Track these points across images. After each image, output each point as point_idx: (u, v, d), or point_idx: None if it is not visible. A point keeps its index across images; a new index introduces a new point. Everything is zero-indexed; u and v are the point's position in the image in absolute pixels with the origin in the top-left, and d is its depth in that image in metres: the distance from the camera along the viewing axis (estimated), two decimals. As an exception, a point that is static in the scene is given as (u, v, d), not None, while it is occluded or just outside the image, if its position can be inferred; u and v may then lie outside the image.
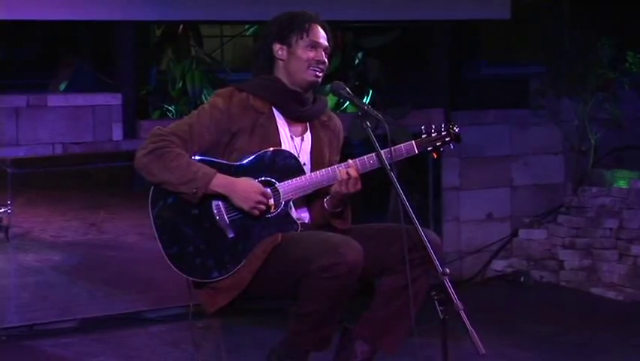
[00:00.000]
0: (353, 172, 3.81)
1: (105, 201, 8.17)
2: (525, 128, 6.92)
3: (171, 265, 3.82)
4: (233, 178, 3.80)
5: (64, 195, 8.28)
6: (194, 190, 3.75)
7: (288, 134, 3.93)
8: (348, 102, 6.01)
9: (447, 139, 3.91)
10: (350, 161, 3.86)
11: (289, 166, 3.86)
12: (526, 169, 6.93)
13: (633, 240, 6.46)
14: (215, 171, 3.79)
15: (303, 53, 3.90)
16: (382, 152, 3.76)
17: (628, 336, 5.56)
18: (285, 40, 3.91)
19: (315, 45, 3.90)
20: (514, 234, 6.89)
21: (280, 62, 3.94)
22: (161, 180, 3.78)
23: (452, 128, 3.92)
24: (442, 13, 6.58)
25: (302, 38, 3.90)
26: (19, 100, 5.57)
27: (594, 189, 6.70)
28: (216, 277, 3.80)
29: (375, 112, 3.81)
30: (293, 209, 3.90)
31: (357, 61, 6.87)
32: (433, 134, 3.90)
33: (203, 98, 6.30)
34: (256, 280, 3.76)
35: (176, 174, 3.76)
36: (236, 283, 3.77)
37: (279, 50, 3.93)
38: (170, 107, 6.41)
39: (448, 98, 6.75)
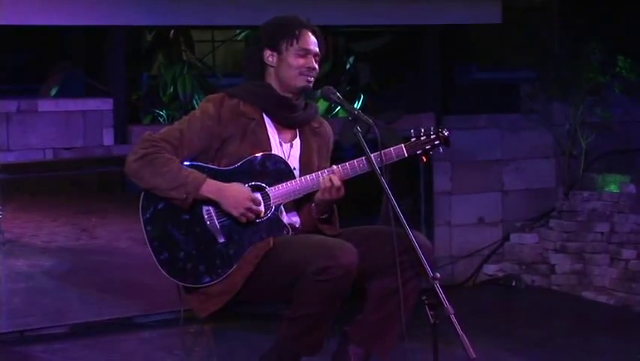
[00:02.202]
0: (335, 179, 3.81)
1: (96, 207, 8.14)
2: (516, 132, 6.93)
3: (162, 270, 3.82)
4: (223, 184, 3.80)
5: (55, 200, 8.24)
6: (185, 196, 3.76)
7: (278, 141, 3.93)
8: (339, 107, 6.01)
9: (436, 142, 3.92)
10: (334, 167, 3.87)
11: (279, 171, 3.86)
12: (517, 173, 6.94)
13: (624, 244, 6.47)
14: (205, 176, 3.79)
15: (293, 59, 3.90)
16: (372, 155, 3.77)
17: (619, 340, 5.57)
18: (275, 47, 3.92)
19: (305, 52, 3.91)
20: (506, 238, 6.90)
21: (271, 69, 3.94)
22: (151, 185, 3.79)
23: (441, 132, 3.93)
24: (433, 18, 6.59)
25: (292, 45, 3.90)
26: (9, 105, 5.57)
27: (585, 194, 6.71)
28: (208, 282, 3.80)
29: (366, 117, 3.82)
30: (284, 213, 3.91)
31: (348, 66, 6.88)
32: (422, 138, 3.91)
33: (195, 103, 6.30)
34: (248, 284, 3.76)
35: (166, 180, 3.76)
36: (228, 288, 3.77)
37: (269, 56, 3.93)
38: (161, 112, 6.40)
39: (439, 103, 6.77)
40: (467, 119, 6.80)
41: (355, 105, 6.39)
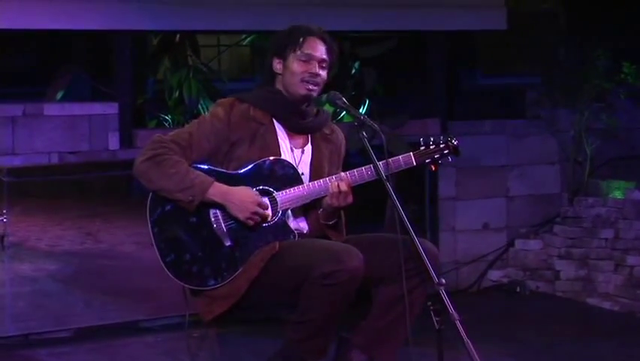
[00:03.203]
0: (343, 186, 3.82)
1: (101, 211, 8.16)
2: (521, 138, 6.93)
3: (168, 272, 3.83)
4: (230, 187, 3.81)
5: (60, 204, 8.27)
6: (191, 198, 3.77)
7: (289, 146, 3.94)
8: (344, 112, 6.02)
9: (445, 152, 3.92)
10: (342, 174, 3.87)
11: (287, 175, 3.87)
12: (522, 179, 6.94)
13: (629, 250, 6.46)
14: (212, 179, 3.80)
15: (295, 66, 3.91)
16: (380, 163, 3.77)
17: (623, 346, 5.56)
18: (281, 55, 3.94)
19: (308, 58, 3.91)
20: (511, 244, 6.89)
21: (279, 76, 3.96)
22: (158, 186, 3.80)
23: (451, 141, 3.93)
24: (438, 24, 6.59)
25: (294, 52, 3.91)
26: (15, 109, 5.57)
27: (590, 200, 6.71)
28: (213, 285, 3.80)
29: (372, 122, 3.82)
30: (291, 218, 3.91)
31: (353, 71, 6.88)
32: (431, 147, 3.91)
33: (200, 107, 6.31)
34: (253, 288, 3.76)
35: (173, 182, 3.77)
36: (233, 291, 3.77)
37: (277, 64, 3.96)
38: (166, 117, 6.41)
39: (445, 108, 6.76)
40: (472, 125, 6.79)
41: (361, 110, 6.40)
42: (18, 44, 6.13)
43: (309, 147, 3.98)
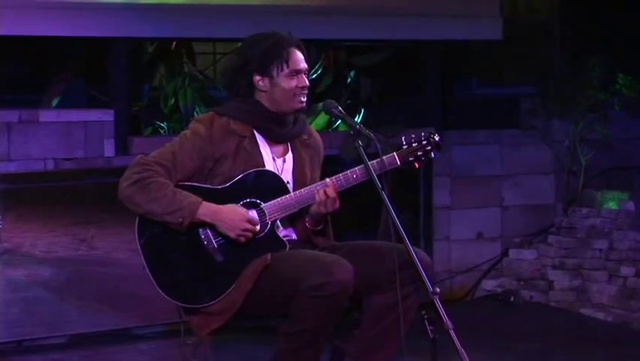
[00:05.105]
0: (331, 192, 3.81)
1: (96, 217, 8.13)
2: (516, 148, 6.94)
3: (163, 293, 3.80)
4: (218, 206, 3.78)
5: (54, 210, 8.23)
6: (181, 220, 3.74)
7: (270, 156, 3.93)
8: (340, 121, 6.04)
9: (428, 148, 3.93)
10: (328, 180, 3.86)
11: (273, 186, 3.86)
12: (516, 189, 6.95)
13: (623, 261, 6.47)
14: (201, 200, 3.77)
15: (286, 83, 3.88)
16: (371, 163, 3.77)
17: (617, 357, 5.56)
18: (265, 72, 3.88)
19: (296, 72, 3.89)
20: (505, 253, 6.90)
21: (262, 92, 3.91)
22: (146, 210, 3.77)
23: (432, 137, 3.93)
24: (434, 34, 6.61)
25: (282, 69, 3.87)
26: (11, 115, 5.57)
27: (584, 210, 6.72)
28: (208, 302, 3.79)
29: (367, 131, 3.83)
30: (280, 228, 3.90)
31: (349, 79, 6.90)
32: (414, 145, 3.91)
33: (195, 114, 6.31)
34: (247, 299, 3.75)
35: (161, 204, 3.74)
36: (229, 306, 3.77)
37: (259, 81, 3.90)
38: (162, 124, 6.42)
39: (440, 118, 6.77)
40: (467, 135, 6.81)
41: (356, 119, 6.41)
42: (14, 51, 6.13)
43: (290, 155, 3.97)
